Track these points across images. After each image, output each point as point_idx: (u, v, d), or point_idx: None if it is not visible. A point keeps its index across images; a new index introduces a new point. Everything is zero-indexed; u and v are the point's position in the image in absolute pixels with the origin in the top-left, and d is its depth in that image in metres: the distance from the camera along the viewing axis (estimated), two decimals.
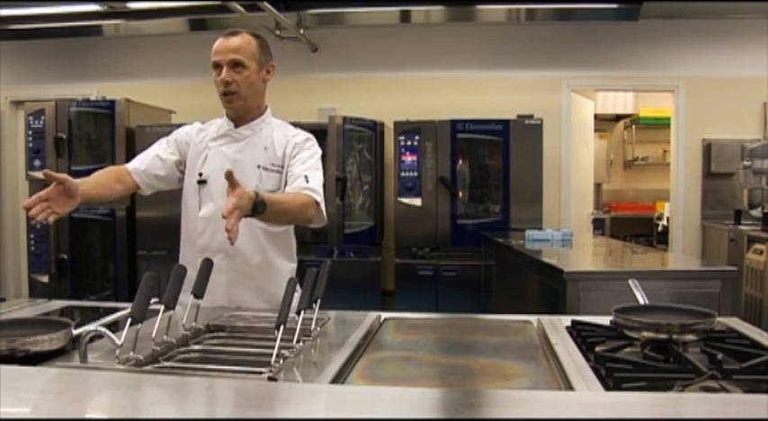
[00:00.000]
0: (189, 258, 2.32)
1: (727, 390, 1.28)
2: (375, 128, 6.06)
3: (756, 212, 5.88)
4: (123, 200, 2.44)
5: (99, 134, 5.86)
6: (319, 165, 2.40)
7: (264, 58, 2.36)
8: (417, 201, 5.79)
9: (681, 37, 6.43)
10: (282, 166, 2.36)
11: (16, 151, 7.05)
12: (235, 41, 2.29)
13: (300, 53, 6.60)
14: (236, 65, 2.27)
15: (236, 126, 2.40)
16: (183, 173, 2.45)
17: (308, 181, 2.27)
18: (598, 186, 8.64)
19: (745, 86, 6.25)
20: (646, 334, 1.56)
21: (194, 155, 2.41)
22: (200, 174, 2.36)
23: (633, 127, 8.93)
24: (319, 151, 2.46)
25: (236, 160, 2.33)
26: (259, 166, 2.35)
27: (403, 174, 5.82)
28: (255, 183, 2.28)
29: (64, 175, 1.97)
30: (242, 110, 2.36)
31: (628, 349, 1.58)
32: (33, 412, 1.04)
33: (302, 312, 1.63)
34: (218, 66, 2.29)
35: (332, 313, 2.01)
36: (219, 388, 1.22)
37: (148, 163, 2.41)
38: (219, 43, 2.30)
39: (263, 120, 2.42)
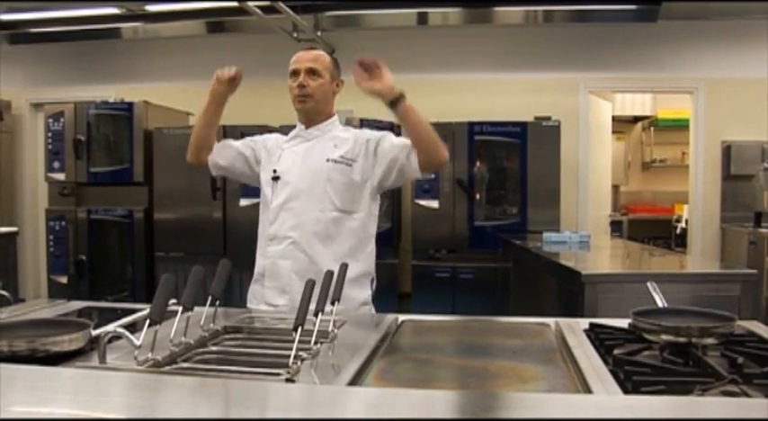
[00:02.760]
0: (261, 243, 2.60)
1: (747, 395, 1.27)
2: (393, 130, 6.03)
3: None
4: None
5: (117, 136, 5.91)
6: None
7: (336, 72, 2.68)
8: (434, 204, 5.78)
9: (700, 38, 6.37)
10: (352, 160, 2.57)
11: (36, 153, 7.13)
12: (313, 53, 2.63)
13: None
14: (311, 72, 2.56)
15: (307, 128, 2.64)
16: (250, 170, 2.70)
17: None
18: (616, 188, 8.58)
19: (766, 88, 6.16)
20: (665, 337, 1.54)
21: (270, 154, 2.66)
22: (275, 171, 2.58)
23: (651, 129, 8.86)
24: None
25: (307, 156, 2.58)
26: (328, 160, 2.56)
27: None
28: (327, 175, 2.53)
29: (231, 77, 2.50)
30: (312, 112, 2.60)
31: (646, 352, 1.57)
32: (53, 412, 1.05)
33: (320, 314, 1.64)
34: (295, 72, 2.57)
35: (349, 315, 2.02)
36: (237, 389, 1.22)
37: (221, 145, 2.69)
38: (299, 54, 2.61)
39: (330, 122, 2.67)
